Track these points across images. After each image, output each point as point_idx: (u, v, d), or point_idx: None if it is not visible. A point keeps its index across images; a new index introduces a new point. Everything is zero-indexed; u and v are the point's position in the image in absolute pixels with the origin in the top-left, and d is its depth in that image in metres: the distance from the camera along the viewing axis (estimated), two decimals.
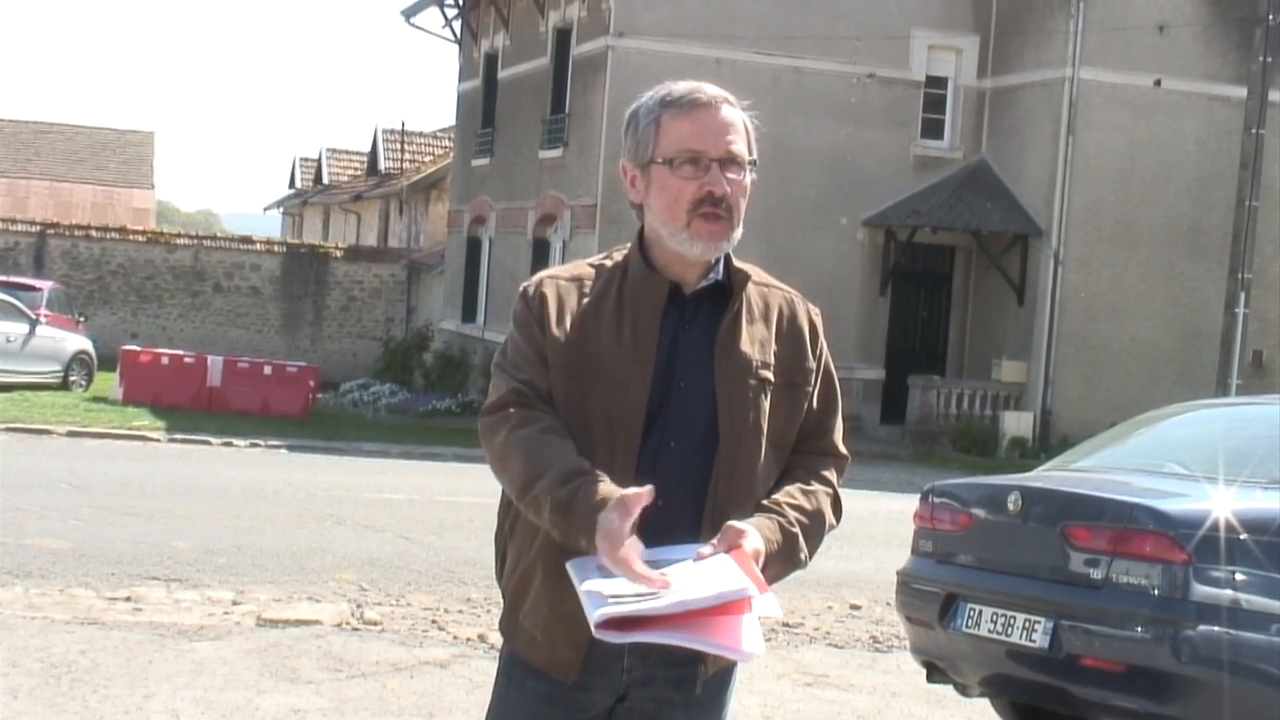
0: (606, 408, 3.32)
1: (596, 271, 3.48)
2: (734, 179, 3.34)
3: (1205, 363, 28.05)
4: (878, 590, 12.46)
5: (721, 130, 3.34)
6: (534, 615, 3.39)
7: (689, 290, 3.41)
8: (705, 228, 3.32)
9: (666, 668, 3.35)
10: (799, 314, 3.53)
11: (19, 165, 55.74)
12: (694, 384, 3.36)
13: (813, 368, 3.52)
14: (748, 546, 3.17)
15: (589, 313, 3.39)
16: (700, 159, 3.32)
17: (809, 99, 29.15)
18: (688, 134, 3.33)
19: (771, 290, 3.52)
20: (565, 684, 3.38)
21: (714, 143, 3.33)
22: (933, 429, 28.64)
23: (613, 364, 3.33)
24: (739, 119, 3.39)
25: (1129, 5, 28.45)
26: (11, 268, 35.82)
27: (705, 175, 3.31)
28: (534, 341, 3.40)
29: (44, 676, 8.07)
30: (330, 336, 39.33)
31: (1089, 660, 7.26)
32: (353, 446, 23.25)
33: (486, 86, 36.38)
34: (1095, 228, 28.70)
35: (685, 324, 3.40)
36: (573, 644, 3.34)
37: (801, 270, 24.77)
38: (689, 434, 3.35)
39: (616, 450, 3.31)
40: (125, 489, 16.08)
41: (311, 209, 59.48)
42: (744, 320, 3.42)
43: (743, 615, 3.07)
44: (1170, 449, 8.61)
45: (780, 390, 3.43)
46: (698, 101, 3.35)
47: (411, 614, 10.53)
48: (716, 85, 3.43)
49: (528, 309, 3.43)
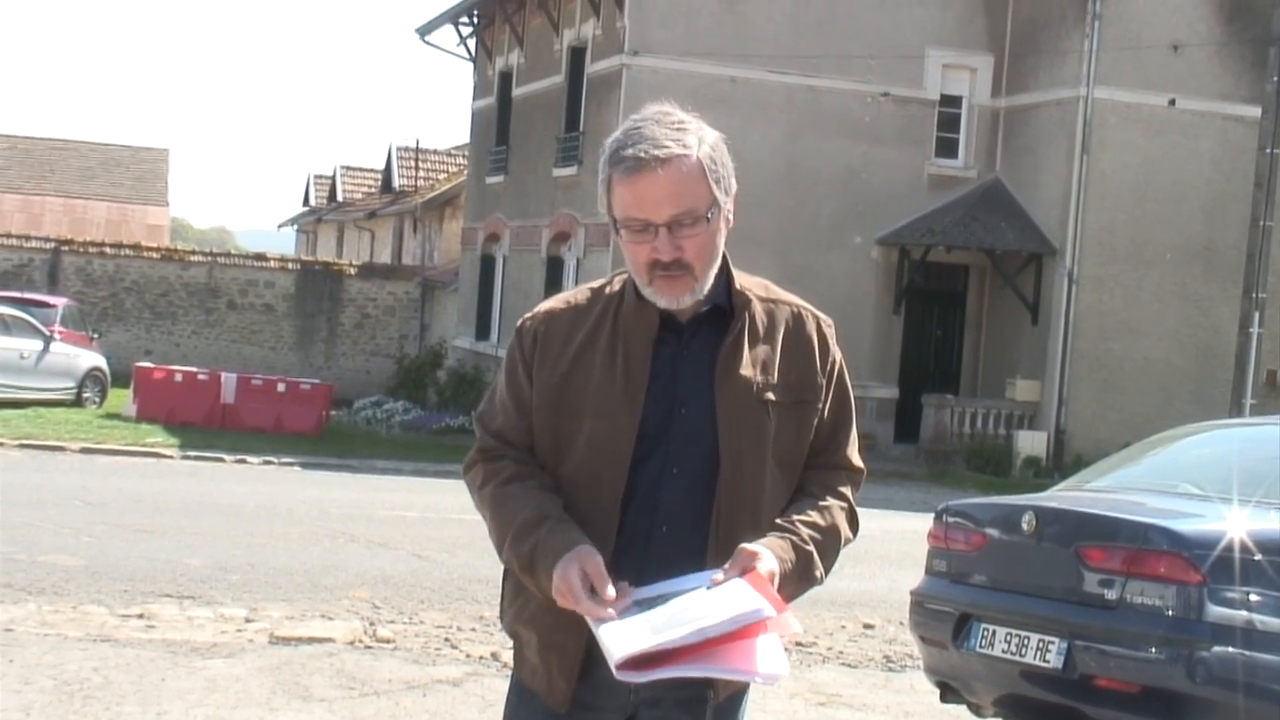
0: (594, 442, 3.32)
1: (594, 298, 3.46)
2: (689, 234, 3.26)
3: (1219, 382, 27.97)
4: (891, 610, 12.43)
5: (664, 196, 3.23)
6: (530, 647, 3.43)
7: (684, 318, 3.38)
8: (665, 284, 3.30)
9: (675, 689, 3.33)
10: (807, 328, 3.49)
11: (34, 182, 55.84)
12: (695, 410, 3.34)
13: (822, 383, 3.48)
14: (762, 568, 3.16)
15: (584, 346, 3.39)
16: (648, 225, 3.25)
17: (823, 118, 29.16)
18: (630, 202, 3.26)
19: (779, 305, 3.48)
20: (559, 713, 3.39)
21: (655, 210, 3.24)
22: (946, 448, 28.59)
23: (603, 398, 3.33)
24: (692, 168, 3.26)
25: (1144, 25, 28.43)
26: (26, 284, 35.92)
27: (654, 240, 3.25)
28: (515, 386, 3.43)
29: (57, 694, 8.07)
30: (344, 354, 39.36)
31: (1103, 681, 7.24)
32: (366, 464, 23.26)
33: (501, 104, 36.43)
34: (1109, 247, 28.66)
35: (684, 349, 3.38)
36: (564, 674, 3.36)
37: (815, 288, 24.73)
38: (691, 461, 3.34)
39: (603, 485, 3.31)
40: (138, 506, 16.09)
41: (326, 226, 59.58)
42: (745, 342, 3.39)
43: (758, 638, 3.05)
44: (1185, 469, 8.59)
45: (787, 409, 3.40)
46: (637, 166, 3.23)
47: (424, 632, 10.53)
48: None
49: (520, 347, 3.45)
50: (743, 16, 28.80)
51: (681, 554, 3.28)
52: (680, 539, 3.31)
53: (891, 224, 29.65)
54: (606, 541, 3.26)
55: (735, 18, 28.78)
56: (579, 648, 3.30)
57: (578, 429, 3.33)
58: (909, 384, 30.04)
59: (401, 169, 50.89)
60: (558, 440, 3.36)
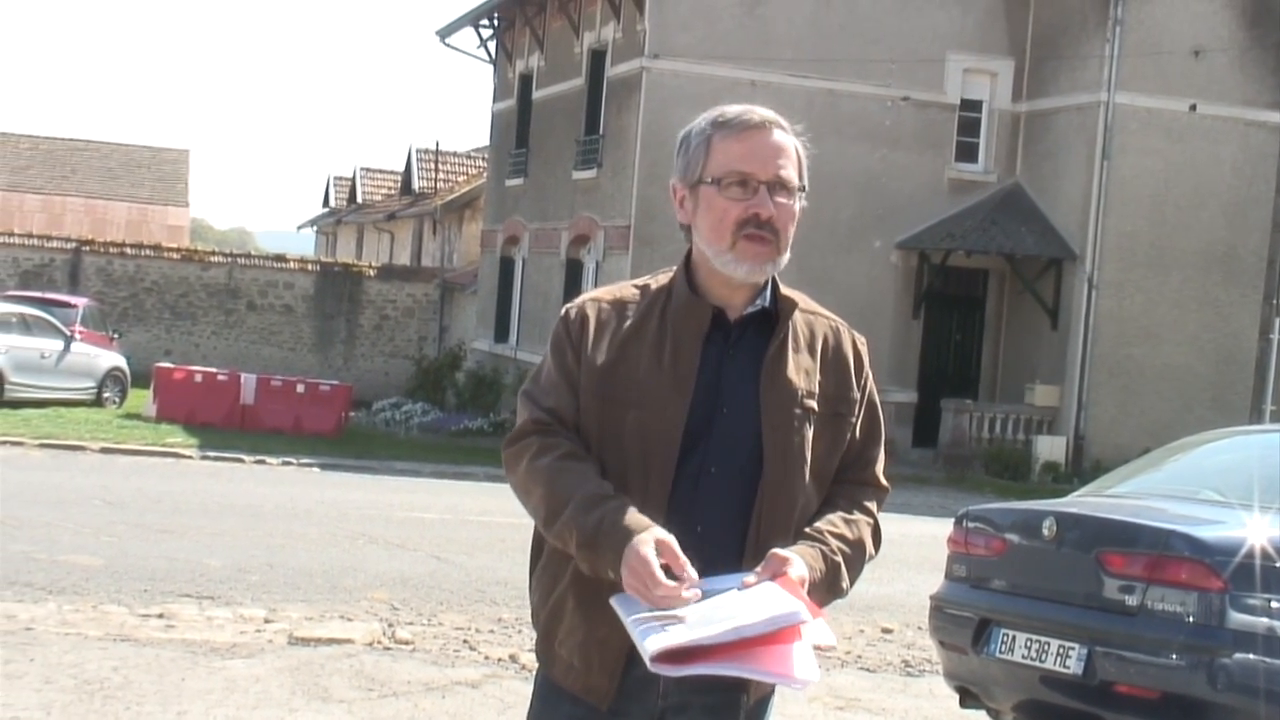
0: (643, 433, 3.29)
1: (641, 294, 3.45)
2: (782, 203, 3.31)
3: (1239, 388, 27.92)
4: (909, 614, 12.43)
5: (772, 154, 3.32)
6: (569, 642, 3.37)
7: (734, 316, 3.37)
8: (750, 249, 3.29)
9: (703, 694, 3.31)
10: (844, 343, 3.49)
11: (55, 182, 56.04)
12: (738, 411, 3.33)
13: (857, 398, 3.48)
14: (793, 574, 3.15)
15: (630, 336, 3.37)
16: (749, 181, 3.29)
17: (843, 122, 29.13)
18: (737, 155, 3.31)
19: (817, 318, 3.48)
20: (599, 710, 3.35)
21: (763, 166, 3.30)
22: (965, 453, 28.56)
23: (651, 389, 3.31)
24: (791, 144, 3.37)
25: (1165, 30, 28.38)
26: (47, 284, 36.06)
27: (752, 198, 3.28)
28: (565, 368, 3.39)
29: (77, 693, 8.09)
30: (363, 355, 39.42)
31: (1123, 687, 7.23)
32: (385, 465, 23.29)
33: (521, 107, 36.45)
34: (1130, 252, 28.60)
35: (730, 350, 3.36)
36: (607, 671, 3.32)
37: (835, 293, 24.69)
38: (730, 461, 3.32)
39: (651, 476, 3.28)
40: (158, 506, 16.13)
41: (345, 228, 59.67)
42: (790, 349, 3.38)
43: (794, 643, 3.05)
44: (1206, 475, 8.57)
45: (824, 420, 3.40)
46: (749, 123, 3.33)
47: (443, 634, 10.54)
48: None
49: (566, 331, 3.42)
50: (763, 20, 28.80)
51: (716, 553, 3.26)
52: (715, 538, 3.28)
53: (911, 228, 29.62)
54: None
55: (756, 21, 28.78)
56: (622, 645, 3.24)
57: (622, 419, 3.31)
58: (928, 388, 30.00)
59: (421, 171, 50.95)
60: (602, 429, 3.33)
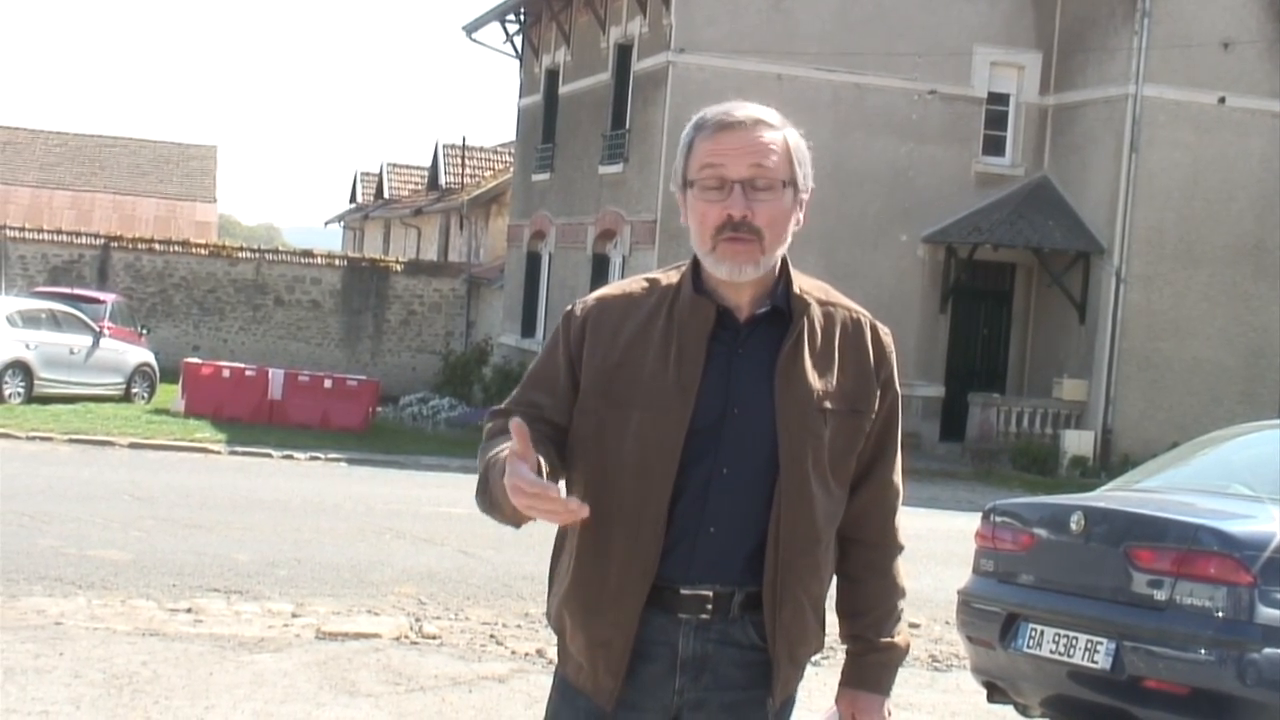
0: (646, 434, 3.26)
1: (650, 289, 3.40)
2: (763, 200, 3.23)
3: (1268, 382, 27.81)
4: (936, 609, 12.39)
5: (746, 151, 3.23)
6: (576, 644, 3.38)
7: (743, 316, 3.32)
8: (729, 249, 3.23)
9: (720, 692, 3.32)
10: (865, 335, 3.42)
11: (84, 179, 56.26)
12: (751, 412, 3.27)
13: (876, 391, 3.41)
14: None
15: (636, 335, 3.33)
16: (724, 181, 3.23)
17: (870, 115, 29.09)
18: (709, 155, 3.24)
19: (837, 309, 3.41)
20: (606, 710, 3.35)
21: (736, 164, 3.22)
22: (992, 447, 28.49)
23: (655, 390, 3.27)
24: (777, 138, 3.27)
25: (1193, 22, 28.25)
26: (76, 280, 36.21)
27: (727, 198, 3.22)
28: (553, 365, 3.39)
29: (106, 687, 8.12)
30: (390, 350, 39.47)
31: (1152, 682, 7.20)
32: (412, 460, 23.32)
33: (547, 102, 36.46)
34: (1158, 246, 28.50)
35: (739, 349, 3.31)
36: (612, 672, 3.31)
37: (861, 287, 24.67)
38: (744, 462, 3.27)
39: (654, 477, 3.25)
40: (186, 501, 16.18)
41: (372, 223, 59.75)
42: (805, 347, 3.32)
43: None
44: (1235, 470, 8.53)
45: (841, 417, 3.34)
46: (723, 123, 3.25)
47: (470, 628, 10.55)
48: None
49: (565, 331, 3.41)
50: (789, 14, 28.76)
51: (729, 556, 3.26)
52: (728, 541, 3.27)
53: (938, 222, 29.56)
54: (655, 537, 3.23)
55: (781, 15, 28.74)
56: (626, 645, 3.26)
57: (626, 420, 3.27)
58: (955, 382, 29.95)
59: (448, 166, 51.00)
60: (605, 431, 3.29)
